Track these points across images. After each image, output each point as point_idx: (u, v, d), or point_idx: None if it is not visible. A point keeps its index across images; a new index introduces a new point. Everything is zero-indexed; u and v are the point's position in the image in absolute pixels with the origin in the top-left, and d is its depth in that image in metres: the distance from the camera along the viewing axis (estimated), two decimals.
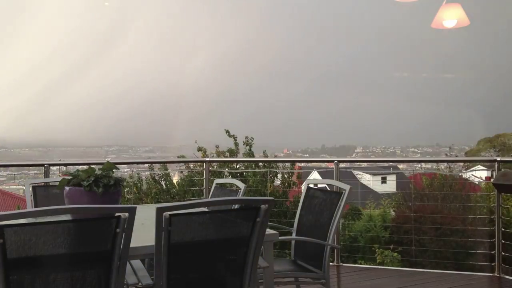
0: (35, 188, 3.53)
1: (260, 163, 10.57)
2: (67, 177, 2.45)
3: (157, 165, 11.97)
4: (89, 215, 2.13)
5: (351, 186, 3.23)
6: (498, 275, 4.65)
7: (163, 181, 10.76)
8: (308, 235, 3.37)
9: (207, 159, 6.07)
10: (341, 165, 5.43)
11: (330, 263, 4.25)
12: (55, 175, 5.14)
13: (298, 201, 3.66)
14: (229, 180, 4.65)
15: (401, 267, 7.91)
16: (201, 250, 2.28)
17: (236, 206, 3.09)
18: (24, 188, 3.57)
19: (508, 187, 4.33)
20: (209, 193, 4.29)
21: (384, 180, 28.91)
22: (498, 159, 4.71)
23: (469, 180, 14.19)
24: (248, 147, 11.05)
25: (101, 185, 2.37)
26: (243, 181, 4.98)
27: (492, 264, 4.79)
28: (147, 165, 12.07)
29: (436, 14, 4.01)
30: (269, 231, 2.60)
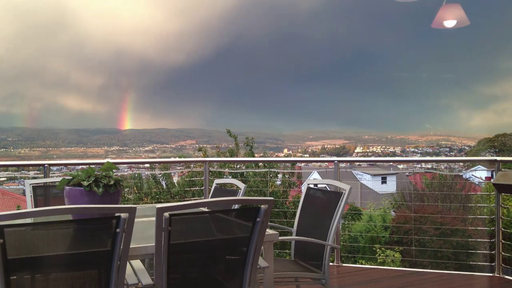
0: (35, 188, 3.53)
1: (260, 163, 10.58)
2: (67, 177, 2.45)
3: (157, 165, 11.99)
4: (89, 215, 2.13)
5: (351, 186, 3.23)
6: (498, 275, 4.65)
7: (164, 181, 10.77)
8: (308, 235, 3.37)
9: (207, 159, 6.06)
10: (341, 165, 5.43)
11: (330, 263, 4.25)
12: (55, 175, 5.13)
13: (298, 201, 3.66)
14: (229, 180, 4.64)
15: (401, 267, 7.92)
16: (201, 250, 2.28)
17: (236, 206, 3.09)
18: (24, 188, 3.57)
19: (508, 187, 4.33)
20: (209, 193, 4.28)
21: (384, 180, 28.93)
22: (498, 159, 4.70)
23: (469, 180, 14.20)
24: (249, 147, 11.07)
25: (101, 185, 2.37)
26: (243, 181, 4.99)
27: (492, 264, 4.78)
28: (147, 165, 12.09)
29: (436, 14, 4.01)
30: (269, 231, 2.60)
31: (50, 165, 4.98)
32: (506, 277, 4.62)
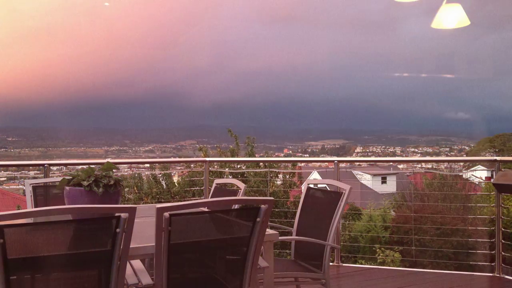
0: (35, 188, 3.53)
1: (261, 163, 10.58)
2: (67, 177, 2.45)
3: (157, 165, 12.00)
4: (89, 215, 2.13)
5: (351, 186, 3.23)
6: (498, 275, 4.65)
7: (164, 180, 10.78)
8: (308, 235, 3.37)
9: (208, 159, 6.05)
10: (341, 165, 5.43)
11: (330, 263, 4.25)
12: (55, 175, 5.13)
13: (298, 201, 3.66)
14: (229, 180, 4.64)
15: (401, 267, 7.92)
16: (201, 250, 2.28)
17: (236, 206, 3.09)
18: (24, 188, 3.57)
19: (508, 187, 4.33)
20: (209, 193, 4.28)
21: (384, 180, 28.92)
22: (498, 159, 4.70)
23: (469, 180, 14.20)
24: (250, 147, 11.07)
25: (101, 185, 2.37)
26: (244, 181, 4.98)
27: (492, 264, 4.79)
28: (147, 165, 12.10)
29: (436, 14, 4.00)
30: (269, 231, 2.60)
31: (50, 165, 4.98)
32: (506, 277, 4.62)
